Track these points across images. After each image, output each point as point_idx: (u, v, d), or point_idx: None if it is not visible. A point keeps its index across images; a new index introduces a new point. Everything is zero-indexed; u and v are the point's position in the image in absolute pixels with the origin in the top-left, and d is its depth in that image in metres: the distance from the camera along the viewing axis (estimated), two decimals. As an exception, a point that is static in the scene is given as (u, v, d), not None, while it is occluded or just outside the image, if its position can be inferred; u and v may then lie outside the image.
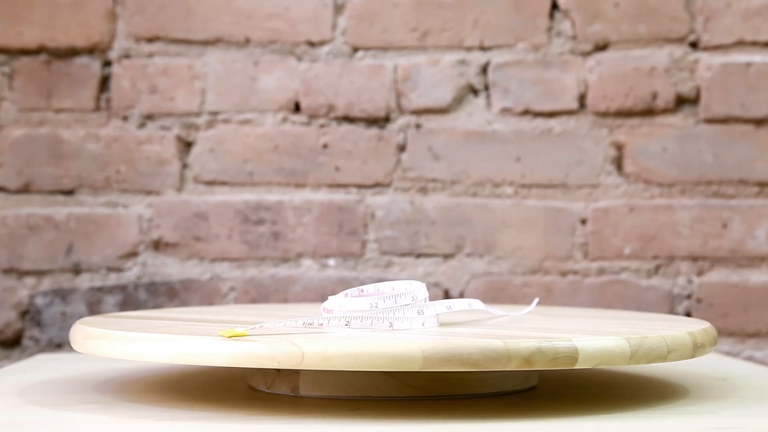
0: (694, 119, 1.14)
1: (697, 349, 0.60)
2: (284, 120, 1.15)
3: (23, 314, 1.13)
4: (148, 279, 1.13)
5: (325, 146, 1.15)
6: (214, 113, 1.14)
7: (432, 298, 1.13)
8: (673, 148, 1.14)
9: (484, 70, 1.14)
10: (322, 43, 1.15)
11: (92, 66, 1.14)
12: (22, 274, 1.13)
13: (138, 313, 0.76)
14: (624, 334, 0.57)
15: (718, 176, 1.13)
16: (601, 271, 1.13)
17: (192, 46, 1.15)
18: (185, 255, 1.14)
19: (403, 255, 1.14)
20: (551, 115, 1.14)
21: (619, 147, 1.14)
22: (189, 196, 1.14)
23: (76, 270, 1.13)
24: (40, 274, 1.13)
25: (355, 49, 1.15)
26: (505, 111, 1.14)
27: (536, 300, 0.87)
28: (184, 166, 1.14)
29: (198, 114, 1.14)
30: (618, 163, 1.14)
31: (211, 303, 1.13)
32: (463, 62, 1.14)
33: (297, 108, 1.15)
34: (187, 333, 0.56)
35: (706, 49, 1.14)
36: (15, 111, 1.14)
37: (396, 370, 0.53)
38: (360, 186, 1.14)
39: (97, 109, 1.15)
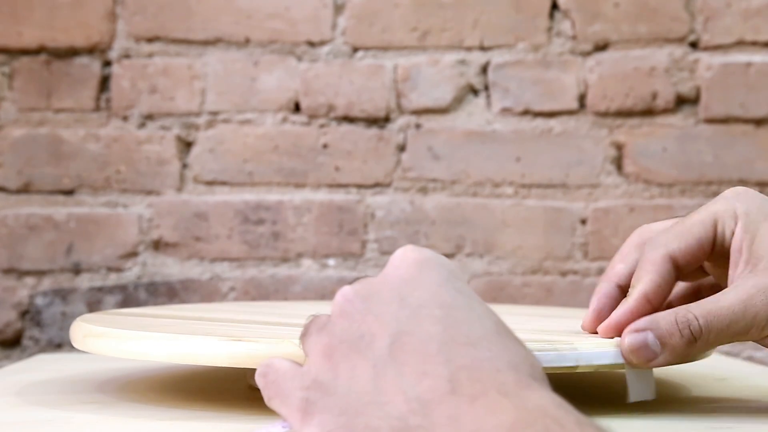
0: (694, 119, 1.14)
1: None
2: (284, 120, 1.15)
3: (23, 314, 1.13)
4: (148, 279, 1.13)
5: (325, 146, 1.15)
6: (214, 113, 1.14)
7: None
8: (673, 148, 1.14)
9: (484, 70, 1.15)
10: (322, 43, 1.15)
11: (92, 66, 1.14)
12: (22, 274, 1.13)
13: (138, 310, 0.76)
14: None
15: (718, 176, 1.13)
16: (601, 271, 1.13)
17: (192, 46, 1.15)
18: (185, 255, 1.14)
19: (403, 255, 1.14)
20: (551, 115, 1.14)
21: (619, 147, 1.14)
22: (189, 196, 1.14)
23: (76, 270, 1.13)
24: (40, 274, 1.13)
25: (355, 49, 1.15)
26: (505, 111, 1.14)
27: None
28: (184, 166, 1.14)
29: (198, 114, 1.14)
30: (618, 163, 1.14)
31: (211, 303, 1.13)
32: (463, 62, 1.14)
33: (297, 108, 1.15)
34: (188, 332, 0.56)
35: (706, 49, 1.14)
36: (15, 111, 1.14)
37: None
38: (360, 186, 1.14)
39: (97, 109, 1.15)
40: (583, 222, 1.14)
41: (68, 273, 1.13)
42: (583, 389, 0.67)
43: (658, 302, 0.53)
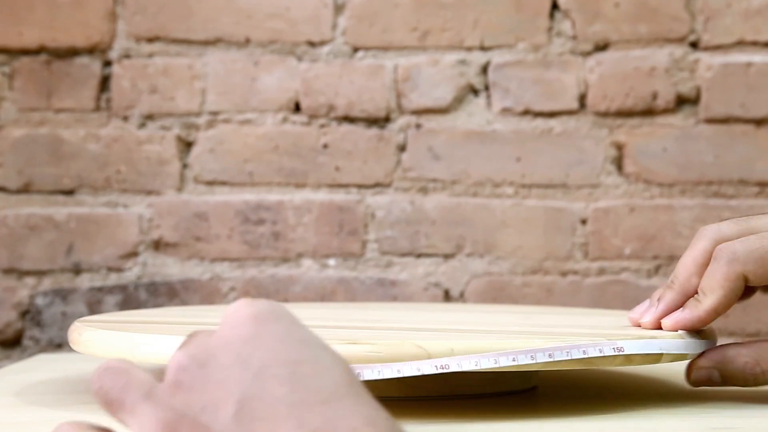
0: (694, 119, 1.14)
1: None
2: (284, 120, 1.15)
3: (23, 314, 1.13)
4: (149, 279, 1.13)
5: (325, 146, 1.15)
6: (215, 113, 1.14)
7: (432, 298, 1.13)
8: (673, 148, 1.14)
9: (485, 70, 1.14)
10: (323, 43, 1.15)
11: (92, 66, 1.14)
12: (23, 274, 1.13)
13: (136, 312, 0.76)
14: (626, 336, 0.57)
15: (718, 176, 1.13)
16: (601, 271, 1.13)
17: (192, 46, 1.15)
18: (185, 255, 1.14)
19: (403, 255, 1.14)
20: (551, 115, 1.14)
21: (619, 147, 1.14)
22: (189, 196, 1.14)
23: (77, 270, 1.13)
24: (40, 274, 1.13)
25: (356, 49, 1.15)
26: (505, 111, 1.14)
27: None
28: (184, 166, 1.15)
29: (198, 114, 1.14)
30: (618, 163, 1.14)
31: (211, 303, 1.13)
32: (463, 62, 1.14)
33: (297, 108, 1.15)
34: (164, 332, 0.56)
35: (707, 49, 1.14)
36: (15, 111, 1.14)
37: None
38: (360, 186, 1.14)
39: (97, 109, 1.15)
40: (584, 222, 1.14)
41: (68, 273, 1.13)
42: (584, 389, 0.67)
43: (723, 313, 0.56)
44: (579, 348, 0.53)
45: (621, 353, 0.54)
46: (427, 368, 0.51)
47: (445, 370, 0.51)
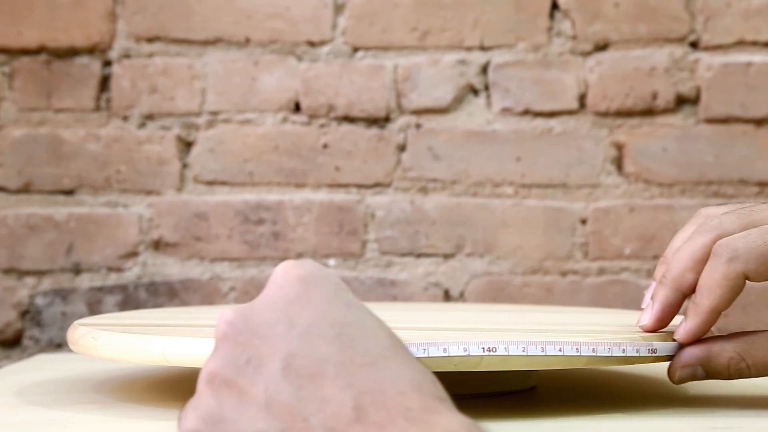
0: (694, 119, 1.14)
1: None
2: (284, 120, 1.15)
3: (23, 314, 1.13)
4: (149, 279, 1.13)
5: (325, 146, 1.15)
6: (214, 113, 1.14)
7: (432, 298, 1.13)
8: (674, 148, 1.14)
9: (484, 70, 1.14)
10: (322, 43, 1.15)
11: (92, 66, 1.14)
12: (23, 274, 1.13)
13: (137, 314, 0.76)
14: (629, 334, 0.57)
15: (718, 176, 1.13)
16: (601, 271, 1.13)
17: (192, 46, 1.15)
18: (185, 255, 1.14)
19: (403, 255, 1.14)
20: (551, 115, 1.14)
21: (619, 147, 1.14)
22: (189, 196, 1.14)
23: (76, 270, 1.13)
24: (40, 274, 1.13)
25: (355, 49, 1.15)
26: (505, 111, 1.14)
27: None
28: (184, 166, 1.15)
29: (198, 114, 1.14)
30: (618, 163, 1.14)
31: (211, 303, 1.13)
32: (463, 62, 1.14)
33: (297, 108, 1.15)
34: (187, 334, 0.56)
35: (706, 49, 1.14)
36: (15, 111, 1.14)
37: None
38: (360, 186, 1.14)
39: (97, 109, 1.15)
40: (583, 222, 1.14)
41: (68, 273, 1.13)
42: (583, 389, 0.67)
43: (725, 310, 0.55)
44: (620, 346, 0.54)
45: (654, 354, 0.55)
46: (474, 349, 0.52)
47: (492, 353, 0.52)
